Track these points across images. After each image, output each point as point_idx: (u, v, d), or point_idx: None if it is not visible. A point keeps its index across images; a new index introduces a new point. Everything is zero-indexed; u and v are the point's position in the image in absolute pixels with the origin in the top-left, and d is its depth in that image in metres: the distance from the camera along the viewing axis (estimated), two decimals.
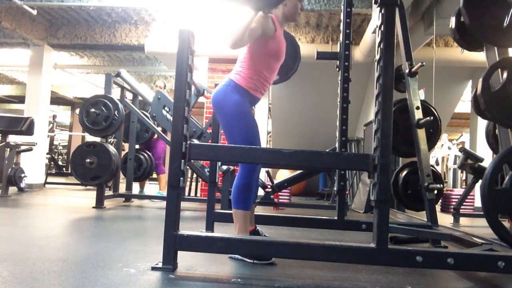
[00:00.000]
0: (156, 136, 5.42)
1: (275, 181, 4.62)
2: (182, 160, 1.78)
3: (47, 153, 7.72)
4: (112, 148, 4.27)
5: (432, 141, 3.05)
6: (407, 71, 2.92)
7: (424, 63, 2.83)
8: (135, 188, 5.47)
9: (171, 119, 2.18)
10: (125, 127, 5.02)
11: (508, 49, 2.39)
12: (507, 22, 2.18)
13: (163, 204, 2.07)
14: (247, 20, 1.98)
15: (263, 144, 6.68)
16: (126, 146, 5.48)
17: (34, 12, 5.54)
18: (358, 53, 5.65)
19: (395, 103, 2.98)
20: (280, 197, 5.72)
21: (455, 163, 8.83)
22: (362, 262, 1.87)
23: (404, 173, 3.14)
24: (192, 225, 3.34)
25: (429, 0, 4.77)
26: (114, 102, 4.24)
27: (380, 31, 1.78)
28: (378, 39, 1.80)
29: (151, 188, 7.19)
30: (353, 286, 1.72)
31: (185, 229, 1.85)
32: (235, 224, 2.20)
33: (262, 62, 2.22)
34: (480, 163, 4.22)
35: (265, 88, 2.28)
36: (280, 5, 2.22)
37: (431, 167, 2.89)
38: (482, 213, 2.02)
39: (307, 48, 5.69)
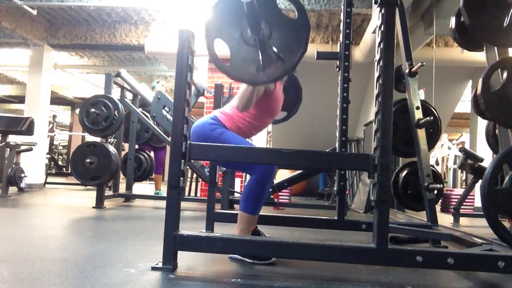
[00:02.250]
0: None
1: (275, 181, 4.61)
2: (182, 160, 1.78)
3: (47, 153, 7.72)
4: (112, 148, 4.27)
5: (432, 141, 3.05)
6: (407, 71, 2.92)
7: (424, 63, 2.83)
8: (136, 188, 5.47)
9: (171, 119, 2.18)
10: (125, 127, 5.02)
11: (508, 49, 2.39)
12: (507, 22, 2.18)
13: (163, 204, 2.07)
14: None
15: (263, 144, 6.68)
16: (126, 146, 5.47)
17: (34, 12, 5.54)
18: (358, 53, 5.65)
19: (395, 103, 2.98)
20: (280, 197, 5.72)
21: (455, 163, 8.83)
22: (362, 262, 1.87)
23: (404, 173, 3.14)
24: (192, 225, 3.34)
25: (429, 0, 4.77)
26: (114, 102, 4.24)
27: (380, 31, 1.78)
28: (378, 39, 1.80)
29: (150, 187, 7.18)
30: (353, 286, 1.72)
31: (185, 229, 1.85)
32: (238, 225, 2.16)
33: (254, 116, 2.22)
34: (480, 163, 4.22)
35: (247, 137, 2.25)
36: None
37: (431, 167, 2.89)
38: (482, 213, 2.02)
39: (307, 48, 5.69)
